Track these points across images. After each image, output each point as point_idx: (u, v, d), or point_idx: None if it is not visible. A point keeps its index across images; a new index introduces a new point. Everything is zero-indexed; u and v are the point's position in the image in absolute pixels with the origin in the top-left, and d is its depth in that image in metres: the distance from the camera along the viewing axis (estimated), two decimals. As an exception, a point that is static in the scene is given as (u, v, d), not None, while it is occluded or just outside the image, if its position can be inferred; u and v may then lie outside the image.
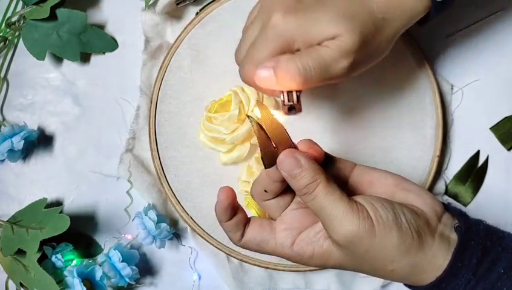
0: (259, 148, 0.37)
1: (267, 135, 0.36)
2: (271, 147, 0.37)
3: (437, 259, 0.36)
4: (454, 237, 0.37)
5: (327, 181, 0.36)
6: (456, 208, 0.40)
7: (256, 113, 0.37)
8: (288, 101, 0.38)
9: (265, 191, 0.39)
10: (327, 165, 0.39)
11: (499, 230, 0.39)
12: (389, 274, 0.37)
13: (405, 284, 0.39)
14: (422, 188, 0.40)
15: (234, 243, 0.40)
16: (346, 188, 0.40)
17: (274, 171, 0.37)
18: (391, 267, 0.36)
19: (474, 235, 0.37)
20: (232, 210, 0.39)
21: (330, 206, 0.35)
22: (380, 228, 0.35)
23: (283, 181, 0.38)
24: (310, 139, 0.39)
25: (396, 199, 0.39)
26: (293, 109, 0.39)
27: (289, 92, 0.38)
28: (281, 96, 0.38)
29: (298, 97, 0.38)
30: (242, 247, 0.40)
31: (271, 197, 0.39)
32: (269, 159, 0.37)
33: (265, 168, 0.37)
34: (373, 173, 0.40)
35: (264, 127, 0.36)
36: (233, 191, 0.39)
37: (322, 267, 0.39)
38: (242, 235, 0.39)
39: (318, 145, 0.38)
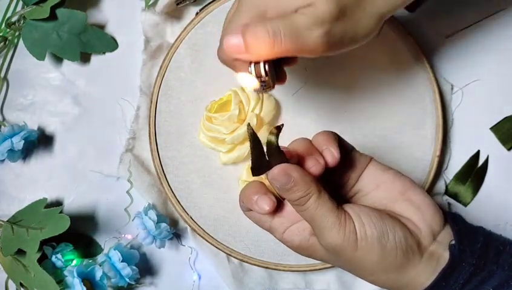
0: (250, 158, 0.36)
1: (261, 145, 0.36)
2: (264, 157, 0.36)
3: (419, 278, 0.37)
4: (446, 255, 0.37)
5: (318, 194, 0.36)
6: (458, 218, 0.39)
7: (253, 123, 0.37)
8: (256, 74, 0.36)
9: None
10: (343, 157, 0.39)
11: (500, 242, 0.38)
12: (370, 281, 0.38)
13: None
14: (427, 200, 0.39)
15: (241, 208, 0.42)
16: (353, 187, 0.41)
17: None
18: (371, 278, 0.38)
19: (468, 257, 0.37)
20: None
21: (319, 218, 0.36)
22: (363, 244, 0.36)
23: None
24: (331, 135, 0.39)
25: (396, 209, 0.39)
26: (263, 83, 0.37)
27: (257, 64, 0.36)
28: (249, 68, 0.36)
29: (266, 70, 0.36)
30: (244, 213, 0.42)
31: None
32: (259, 170, 0.36)
33: (253, 175, 0.36)
34: (382, 176, 0.40)
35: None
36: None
37: (309, 257, 0.40)
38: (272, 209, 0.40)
39: (335, 146, 0.38)
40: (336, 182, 0.41)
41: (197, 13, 0.54)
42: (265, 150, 0.36)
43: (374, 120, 0.52)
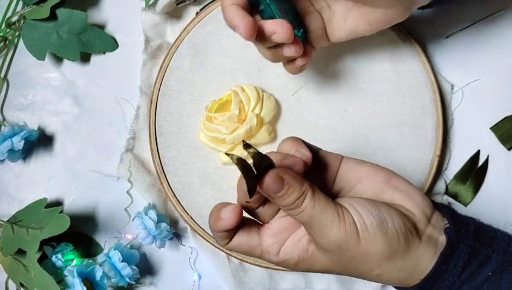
0: (241, 180, 0.35)
1: (250, 166, 0.34)
2: (254, 177, 0.35)
3: (422, 262, 0.36)
4: (442, 239, 0.37)
5: (312, 191, 0.35)
6: (447, 206, 0.40)
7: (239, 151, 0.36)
8: None
9: (247, 202, 0.38)
10: (313, 162, 0.38)
11: (491, 229, 0.39)
12: (375, 278, 0.37)
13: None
14: (412, 186, 0.39)
15: (219, 245, 0.40)
16: (333, 186, 0.40)
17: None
18: (377, 271, 0.36)
19: (464, 238, 0.37)
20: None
21: (318, 216, 0.35)
22: (365, 235, 0.35)
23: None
24: (296, 139, 0.38)
25: (384, 198, 0.38)
26: None
27: None
28: None
29: None
30: (228, 249, 0.40)
31: (256, 207, 0.39)
32: (254, 190, 0.35)
33: (250, 197, 0.35)
34: (361, 168, 0.39)
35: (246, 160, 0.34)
36: (242, 213, 0.38)
37: (309, 271, 0.39)
38: (230, 240, 0.38)
39: (304, 147, 0.37)
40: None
41: (197, 13, 0.54)
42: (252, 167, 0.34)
43: (374, 120, 0.52)
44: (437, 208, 0.39)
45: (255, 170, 0.34)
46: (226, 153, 0.34)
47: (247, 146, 0.34)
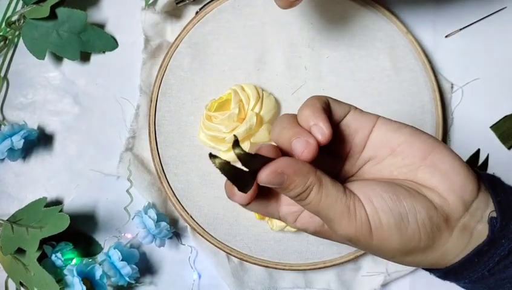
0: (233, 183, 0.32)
1: (232, 165, 0.31)
2: (243, 173, 0.31)
3: (448, 254, 0.32)
4: (481, 228, 0.32)
5: (319, 184, 0.32)
6: (497, 188, 0.33)
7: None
8: None
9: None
10: (338, 125, 0.34)
11: None
12: (394, 262, 0.34)
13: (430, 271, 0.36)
14: (456, 164, 0.33)
15: (234, 200, 0.35)
16: (361, 154, 0.35)
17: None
18: (394, 260, 0.33)
19: (510, 232, 0.32)
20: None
21: (325, 211, 0.32)
22: (378, 233, 0.32)
23: None
24: (317, 109, 0.33)
25: (418, 179, 0.33)
26: None
27: None
28: None
29: None
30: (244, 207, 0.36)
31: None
32: (246, 186, 0.32)
33: (245, 193, 0.32)
34: (396, 137, 0.34)
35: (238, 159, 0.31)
36: (255, 191, 0.34)
37: (330, 240, 0.36)
38: (248, 203, 0.34)
39: (324, 120, 0.32)
40: (338, 155, 0.35)
41: (197, 12, 0.54)
42: (240, 166, 0.31)
43: (374, 119, 0.52)
44: (484, 186, 0.33)
45: (248, 169, 0.31)
46: (210, 155, 0.31)
47: (235, 145, 0.31)
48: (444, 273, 0.34)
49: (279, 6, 0.42)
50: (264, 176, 0.31)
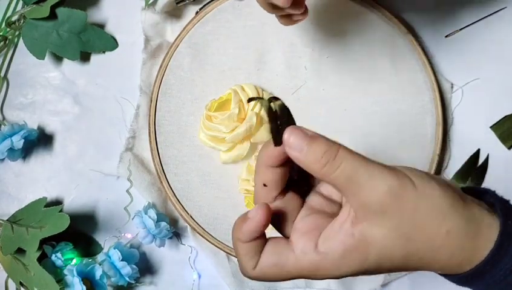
0: (269, 130, 0.32)
1: (276, 116, 0.32)
2: (279, 128, 0.32)
3: (483, 229, 0.31)
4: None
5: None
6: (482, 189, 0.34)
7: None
8: None
9: (265, 185, 0.34)
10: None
11: None
12: (444, 241, 0.30)
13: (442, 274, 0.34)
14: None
15: (245, 274, 0.33)
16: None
17: (276, 149, 0.32)
18: (445, 227, 0.30)
19: None
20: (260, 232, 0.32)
21: (362, 167, 0.30)
22: (419, 180, 0.30)
23: (282, 164, 0.32)
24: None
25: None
26: None
27: None
28: None
29: None
30: (257, 278, 0.33)
31: (275, 195, 0.34)
32: (280, 139, 0.32)
33: (275, 145, 0.32)
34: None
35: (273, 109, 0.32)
36: (269, 209, 0.32)
37: (362, 270, 0.31)
38: (257, 263, 0.32)
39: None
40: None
41: (197, 12, 0.54)
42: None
43: (374, 119, 0.52)
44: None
45: (279, 121, 0.32)
46: (251, 98, 0.32)
47: (275, 98, 0.32)
48: (473, 273, 0.31)
49: (282, 24, 0.42)
50: (289, 131, 0.31)
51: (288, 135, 0.30)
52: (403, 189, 0.30)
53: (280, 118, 0.32)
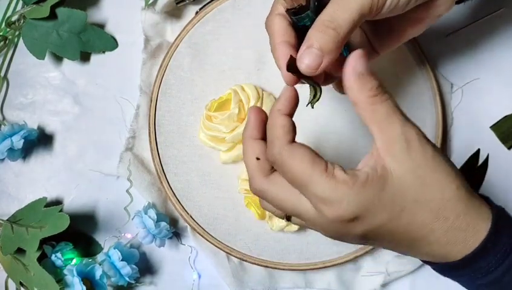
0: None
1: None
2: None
3: (485, 212, 0.33)
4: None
5: None
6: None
7: None
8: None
9: (258, 158, 0.35)
10: None
11: None
12: (455, 195, 0.33)
13: (431, 265, 0.36)
14: None
15: (254, 186, 0.36)
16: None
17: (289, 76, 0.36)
18: (456, 183, 0.33)
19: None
20: (263, 129, 0.36)
21: (402, 114, 0.33)
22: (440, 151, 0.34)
23: (265, 136, 0.35)
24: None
25: None
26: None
27: None
28: None
29: None
30: (266, 190, 0.35)
31: (270, 166, 0.35)
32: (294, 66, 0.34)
33: (287, 70, 0.35)
34: None
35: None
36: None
37: (375, 202, 0.32)
38: (272, 170, 0.35)
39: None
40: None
41: (197, 12, 0.54)
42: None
43: (374, 119, 0.52)
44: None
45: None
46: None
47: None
48: (466, 261, 0.33)
49: (340, 92, 0.42)
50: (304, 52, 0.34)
51: (356, 55, 0.33)
52: (425, 137, 0.33)
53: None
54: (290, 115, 0.35)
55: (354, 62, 0.33)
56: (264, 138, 0.36)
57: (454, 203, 0.33)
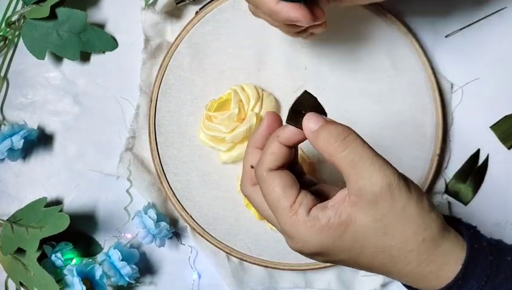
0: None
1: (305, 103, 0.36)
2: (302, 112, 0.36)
3: (450, 256, 0.33)
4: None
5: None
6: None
7: None
8: None
9: (252, 167, 0.38)
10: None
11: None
12: (417, 247, 0.33)
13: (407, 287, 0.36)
14: None
15: (242, 190, 0.39)
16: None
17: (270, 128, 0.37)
18: (423, 235, 0.33)
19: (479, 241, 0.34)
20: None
21: (368, 156, 0.33)
22: (415, 187, 0.33)
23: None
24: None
25: None
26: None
27: None
28: None
29: None
30: (250, 196, 0.38)
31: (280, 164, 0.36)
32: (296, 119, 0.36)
33: (287, 122, 0.36)
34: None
35: None
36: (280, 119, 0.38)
37: (330, 247, 0.33)
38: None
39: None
40: None
41: (197, 12, 0.54)
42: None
43: (374, 119, 0.52)
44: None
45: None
46: None
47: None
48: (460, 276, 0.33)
49: (303, 39, 0.45)
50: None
51: (309, 116, 0.34)
52: (399, 189, 0.32)
53: (307, 107, 0.35)
54: (287, 146, 0.36)
55: (309, 118, 0.35)
56: None
57: (417, 253, 0.33)
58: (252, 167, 0.38)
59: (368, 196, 0.32)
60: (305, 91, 0.36)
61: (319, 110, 0.36)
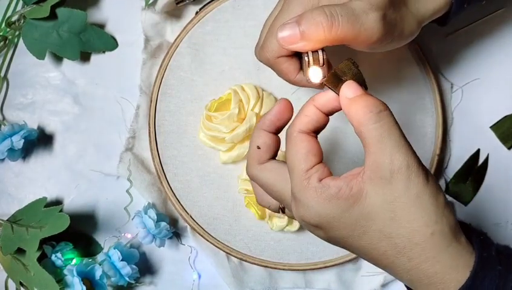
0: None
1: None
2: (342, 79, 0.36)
3: (466, 253, 0.32)
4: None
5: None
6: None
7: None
8: (314, 63, 0.36)
9: (258, 147, 0.38)
10: None
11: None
12: (424, 240, 0.32)
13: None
14: None
15: (249, 171, 0.38)
16: None
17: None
18: (432, 229, 0.32)
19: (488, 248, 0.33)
20: (279, 127, 0.38)
21: (397, 136, 0.32)
22: (434, 180, 0.33)
23: (277, 131, 0.38)
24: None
25: None
26: (319, 74, 0.37)
27: (314, 53, 0.36)
28: (305, 57, 0.36)
29: (325, 57, 0.36)
30: (257, 175, 0.38)
31: (267, 158, 0.37)
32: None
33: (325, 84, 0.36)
34: None
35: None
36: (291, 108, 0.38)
37: (336, 220, 0.32)
38: (267, 160, 0.37)
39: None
40: None
41: (197, 12, 0.54)
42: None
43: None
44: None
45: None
46: None
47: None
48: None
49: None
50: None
51: (349, 83, 0.34)
52: (417, 174, 0.31)
53: (347, 74, 0.35)
54: (322, 111, 0.37)
55: (350, 85, 0.34)
56: (273, 132, 0.38)
57: (423, 248, 0.32)
58: (258, 147, 0.37)
59: (385, 172, 0.31)
60: (349, 58, 0.35)
61: (360, 80, 0.35)
